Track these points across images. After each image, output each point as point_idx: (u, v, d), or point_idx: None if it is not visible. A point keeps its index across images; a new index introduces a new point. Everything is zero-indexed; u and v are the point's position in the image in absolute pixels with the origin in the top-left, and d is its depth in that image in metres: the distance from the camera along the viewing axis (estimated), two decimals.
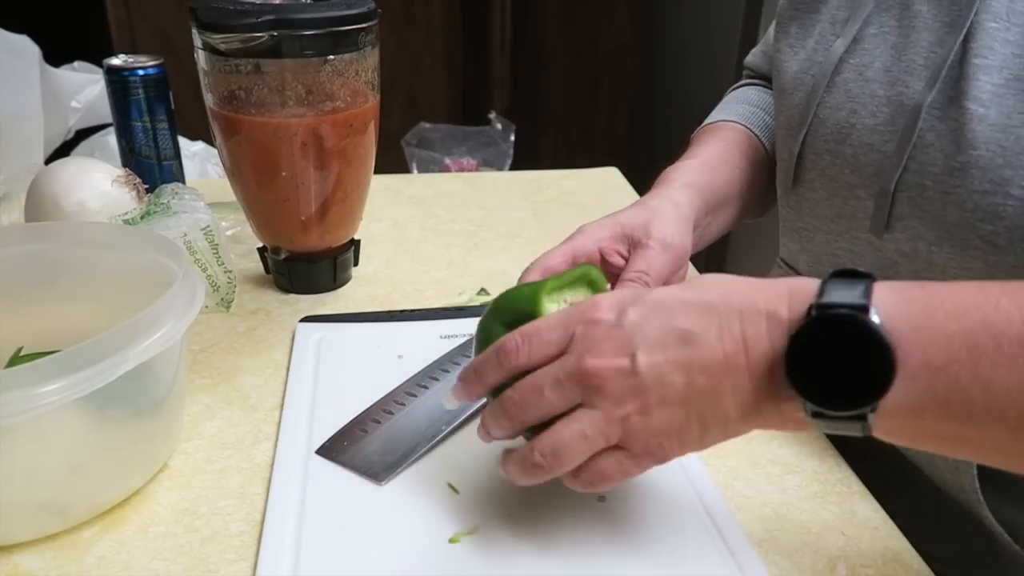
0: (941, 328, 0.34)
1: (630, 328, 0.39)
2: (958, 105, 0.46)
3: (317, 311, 0.74)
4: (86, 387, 0.43)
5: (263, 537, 0.48)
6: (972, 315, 0.34)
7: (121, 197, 0.76)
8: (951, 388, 0.34)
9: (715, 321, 0.38)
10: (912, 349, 0.34)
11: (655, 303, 0.40)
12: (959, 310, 0.34)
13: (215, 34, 0.64)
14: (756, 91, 0.74)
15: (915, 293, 0.36)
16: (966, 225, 0.46)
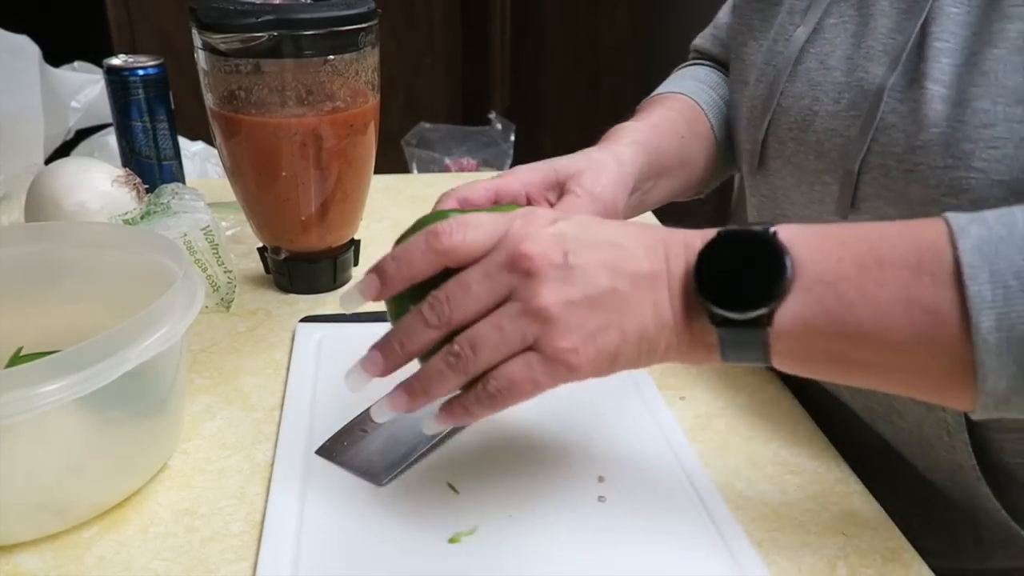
0: (832, 250, 0.38)
1: (564, 230, 0.41)
2: (918, 86, 0.47)
3: (317, 311, 0.74)
4: (86, 387, 0.43)
5: (263, 537, 0.48)
6: (860, 243, 0.38)
7: (121, 197, 0.76)
8: (841, 302, 0.37)
9: (642, 242, 0.41)
10: (806, 264, 0.38)
11: (588, 220, 0.43)
12: (849, 239, 0.38)
13: (215, 34, 0.65)
14: (704, 70, 0.75)
15: (814, 227, 0.39)
16: (930, 201, 0.46)
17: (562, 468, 0.54)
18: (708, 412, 0.62)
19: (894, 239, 0.37)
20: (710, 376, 0.66)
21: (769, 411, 0.62)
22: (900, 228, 0.38)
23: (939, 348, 0.36)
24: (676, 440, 0.57)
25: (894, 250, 0.37)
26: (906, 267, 0.36)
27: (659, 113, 0.67)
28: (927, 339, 0.36)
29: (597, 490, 0.52)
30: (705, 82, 0.72)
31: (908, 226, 0.38)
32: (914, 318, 0.36)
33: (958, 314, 0.35)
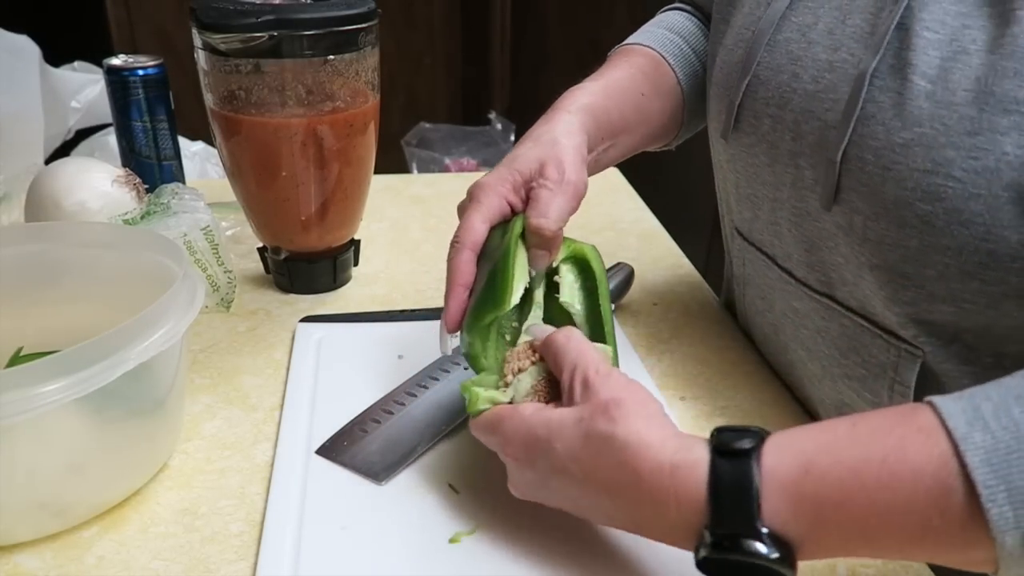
0: (830, 526, 0.36)
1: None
2: (902, 77, 0.45)
3: (317, 311, 0.74)
4: (86, 387, 0.43)
5: (263, 537, 0.48)
6: (858, 501, 0.35)
7: (121, 197, 0.76)
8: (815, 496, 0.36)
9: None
10: (806, 546, 0.36)
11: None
12: (847, 501, 0.35)
13: (215, 34, 0.65)
14: (682, 17, 0.73)
15: (805, 491, 0.36)
16: (904, 203, 0.45)
17: None
18: (708, 412, 0.62)
19: (893, 477, 0.34)
20: (710, 377, 0.66)
21: (769, 411, 0.62)
22: (899, 463, 0.34)
23: (960, 552, 0.34)
24: None
25: (895, 495, 0.34)
26: (918, 516, 0.34)
27: (618, 71, 0.66)
28: (947, 551, 0.35)
29: None
30: (679, 32, 0.71)
31: (905, 454, 0.34)
32: (929, 539, 0.34)
33: (975, 533, 0.33)
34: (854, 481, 0.35)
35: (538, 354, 0.49)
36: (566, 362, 0.45)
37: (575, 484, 0.42)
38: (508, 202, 0.55)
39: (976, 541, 0.33)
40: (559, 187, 0.54)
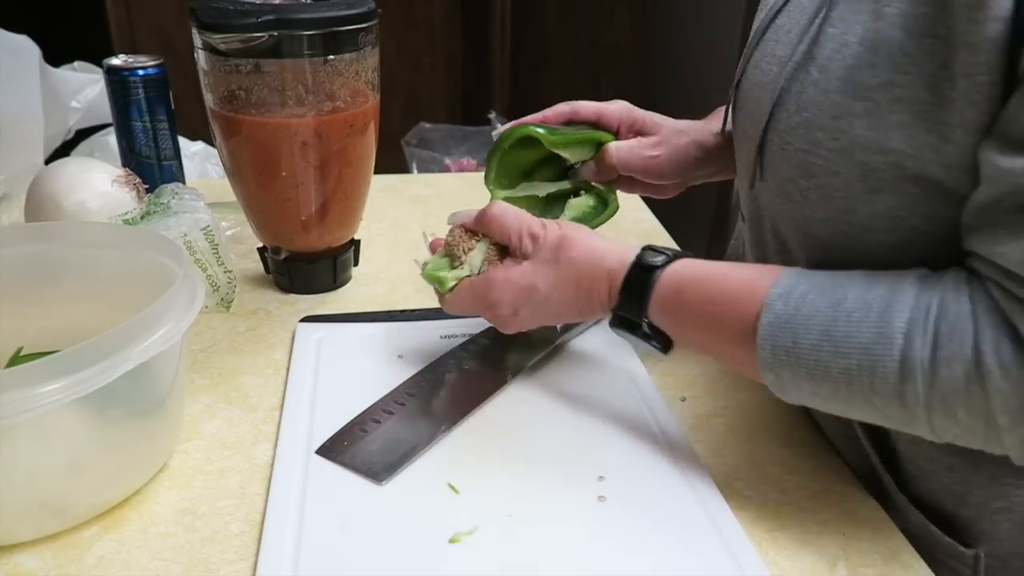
0: (685, 330, 0.52)
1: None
2: (805, 70, 0.49)
3: (317, 311, 0.74)
4: (86, 387, 0.43)
5: (263, 537, 0.48)
6: (704, 304, 0.50)
7: (121, 197, 0.76)
8: (683, 330, 0.52)
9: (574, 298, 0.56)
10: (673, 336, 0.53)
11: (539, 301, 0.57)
12: (695, 320, 0.51)
13: (215, 34, 0.64)
14: None
15: (672, 307, 0.52)
16: (791, 180, 0.50)
17: (562, 468, 0.54)
18: (708, 412, 0.62)
19: (728, 299, 0.49)
20: (710, 376, 0.66)
21: (769, 411, 0.62)
22: (739, 285, 0.49)
23: (747, 357, 0.48)
24: (676, 440, 0.57)
25: (723, 308, 0.49)
26: (733, 327, 0.49)
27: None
28: (738, 360, 0.50)
29: (597, 490, 0.52)
30: None
31: (745, 288, 0.49)
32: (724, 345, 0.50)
33: (752, 359, 0.48)
34: (703, 307, 0.51)
35: (478, 233, 0.59)
36: (511, 226, 0.57)
37: (554, 304, 0.56)
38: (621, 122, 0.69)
39: (752, 360, 0.48)
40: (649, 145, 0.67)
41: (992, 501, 0.51)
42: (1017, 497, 0.51)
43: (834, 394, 0.45)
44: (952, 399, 0.42)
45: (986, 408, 0.41)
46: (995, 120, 0.40)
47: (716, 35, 1.96)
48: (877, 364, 0.43)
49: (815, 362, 0.45)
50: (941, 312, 0.42)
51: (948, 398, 0.42)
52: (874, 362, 0.43)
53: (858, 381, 0.44)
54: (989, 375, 0.40)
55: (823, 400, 0.47)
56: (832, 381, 0.45)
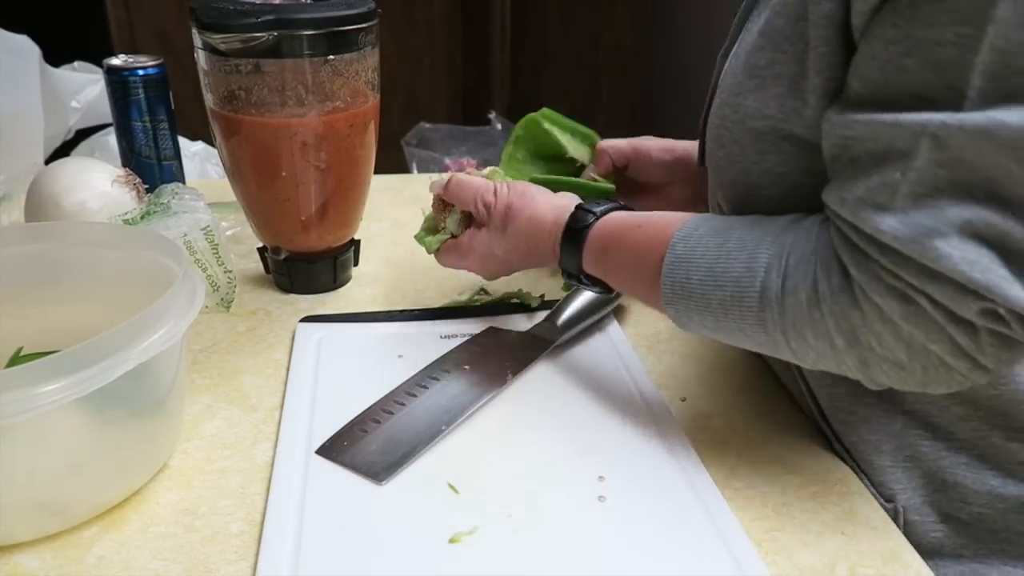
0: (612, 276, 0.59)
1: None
2: (727, 57, 0.58)
3: (317, 311, 0.74)
4: (86, 387, 0.43)
5: (263, 537, 0.48)
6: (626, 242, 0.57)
7: (121, 197, 0.76)
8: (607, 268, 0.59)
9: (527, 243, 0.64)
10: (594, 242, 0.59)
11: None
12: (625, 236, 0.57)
13: (215, 34, 0.64)
14: None
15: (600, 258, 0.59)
16: (712, 153, 0.58)
17: (562, 468, 0.54)
18: (708, 412, 0.62)
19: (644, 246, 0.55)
20: (710, 376, 0.66)
21: (769, 411, 0.62)
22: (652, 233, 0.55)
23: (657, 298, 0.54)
24: (676, 440, 0.57)
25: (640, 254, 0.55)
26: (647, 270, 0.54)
27: None
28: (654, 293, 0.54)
29: (597, 490, 0.52)
30: None
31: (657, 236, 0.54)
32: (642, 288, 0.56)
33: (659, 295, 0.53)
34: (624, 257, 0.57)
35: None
36: (468, 196, 0.67)
37: (515, 262, 0.66)
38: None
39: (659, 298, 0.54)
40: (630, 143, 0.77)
41: (903, 450, 0.55)
42: (924, 448, 0.55)
43: (716, 324, 0.51)
44: (800, 323, 0.47)
45: (826, 331, 0.46)
46: (843, 86, 0.47)
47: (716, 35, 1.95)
48: (743, 294, 0.49)
49: (701, 295, 0.51)
50: (793, 248, 0.48)
51: (797, 322, 0.47)
52: (741, 292, 0.49)
53: (732, 310, 0.49)
54: (823, 300, 0.46)
55: (711, 330, 0.52)
56: (713, 312, 0.50)
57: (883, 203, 0.43)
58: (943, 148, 0.41)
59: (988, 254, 0.41)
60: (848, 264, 0.45)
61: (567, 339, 0.68)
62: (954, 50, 0.41)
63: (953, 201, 0.42)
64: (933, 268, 0.42)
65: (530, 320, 0.72)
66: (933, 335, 0.43)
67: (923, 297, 0.43)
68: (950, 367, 0.44)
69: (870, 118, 0.44)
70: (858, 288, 0.45)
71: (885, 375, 0.46)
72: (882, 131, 0.44)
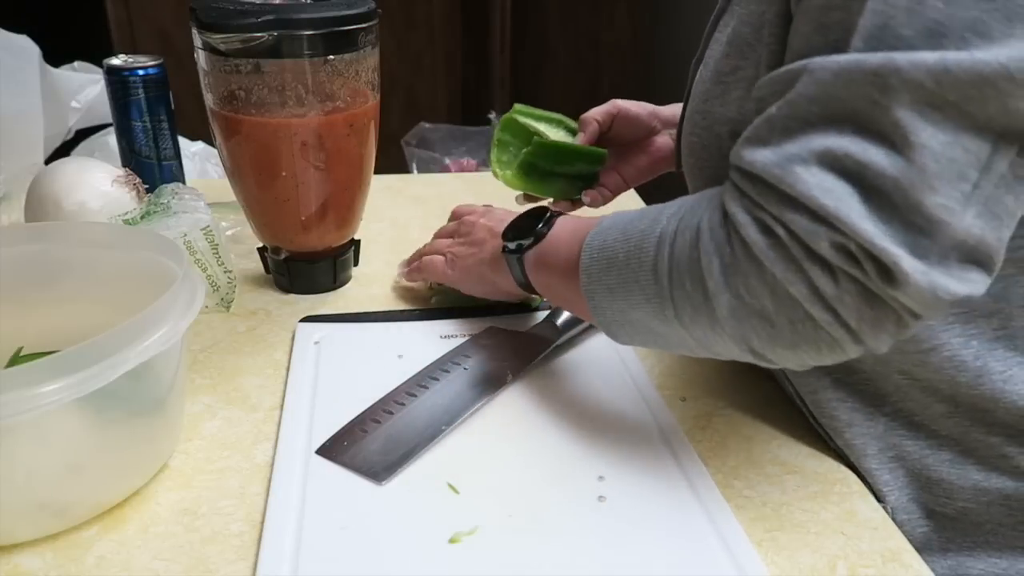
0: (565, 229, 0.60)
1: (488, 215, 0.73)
2: (699, 66, 0.60)
3: (317, 311, 0.74)
4: (86, 387, 0.43)
5: (263, 537, 0.48)
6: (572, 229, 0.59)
7: (121, 197, 0.76)
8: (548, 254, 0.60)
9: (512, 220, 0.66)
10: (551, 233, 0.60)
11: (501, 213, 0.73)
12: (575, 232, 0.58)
13: (215, 34, 0.64)
14: None
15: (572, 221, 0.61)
16: (685, 158, 0.60)
17: (562, 468, 0.54)
18: (708, 412, 0.62)
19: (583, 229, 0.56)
20: (710, 377, 0.66)
21: (769, 411, 0.62)
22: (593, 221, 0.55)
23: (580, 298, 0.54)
24: (676, 440, 0.57)
25: (578, 233, 0.56)
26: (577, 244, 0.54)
27: None
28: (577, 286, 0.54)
29: (597, 490, 0.52)
30: None
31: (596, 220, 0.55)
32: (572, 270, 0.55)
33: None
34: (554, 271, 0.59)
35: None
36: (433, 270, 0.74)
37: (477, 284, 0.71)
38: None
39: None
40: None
41: (887, 451, 0.56)
42: (908, 447, 0.55)
43: (620, 281, 0.51)
44: (681, 266, 0.47)
45: (700, 274, 0.46)
46: None
47: None
48: (644, 241, 0.49)
49: (613, 253, 0.51)
50: (694, 198, 0.50)
51: (679, 263, 0.47)
52: (643, 240, 0.50)
53: (632, 259, 0.50)
54: (702, 236, 0.46)
55: (611, 292, 0.52)
56: (618, 267, 0.51)
57: (761, 138, 0.45)
58: (816, 83, 0.42)
59: (845, 186, 0.41)
60: (727, 202, 0.46)
61: (567, 339, 0.68)
62: (840, 13, 0.43)
63: (819, 133, 0.42)
64: (789, 194, 0.42)
65: (530, 320, 0.72)
66: (791, 274, 0.43)
67: (780, 227, 0.43)
68: (817, 324, 0.43)
69: (771, 74, 0.46)
70: (730, 223, 0.45)
71: (756, 334, 0.45)
72: (777, 80, 0.45)
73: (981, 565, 0.55)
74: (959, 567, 0.55)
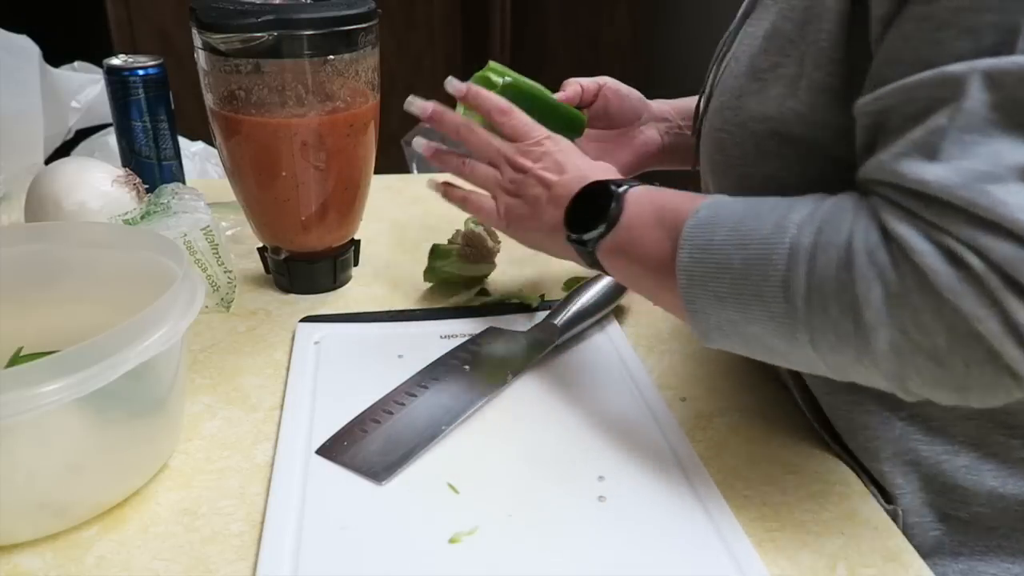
0: (643, 209, 0.54)
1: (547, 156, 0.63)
2: (727, 61, 0.58)
3: (317, 311, 0.74)
4: (86, 387, 0.43)
5: (263, 537, 0.48)
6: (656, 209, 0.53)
7: (121, 197, 0.76)
8: (630, 240, 0.54)
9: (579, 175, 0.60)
10: (626, 212, 0.54)
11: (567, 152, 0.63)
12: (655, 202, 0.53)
13: (215, 34, 0.64)
14: None
15: (651, 190, 0.55)
16: (710, 156, 0.58)
17: (562, 468, 0.54)
18: (708, 412, 0.62)
19: (671, 208, 0.52)
20: (710, 377, 0.66)
21: (769, 411, 0.62)
22: (683, 201, 0.52)
23: (672, 287, 0.50)
24: (676, 440, 0.57)
25: (666, 216, 0.52)
26: (666, 228, 0.51)
27: None
28: (666, 277, 0.50)
29: (597, 490, 0.52)
30: None
31: (687, 200, 0.51)
32: (660, 262, 0.51)
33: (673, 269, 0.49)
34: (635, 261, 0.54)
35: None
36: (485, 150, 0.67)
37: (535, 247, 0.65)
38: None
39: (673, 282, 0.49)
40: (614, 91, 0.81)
41: (902, 455, 0.54)
42: (924, 452, 0.54)
43: (734, 292, 0.45)
44: (826, 288, 0.41)
45: (853, 301, 0.41)
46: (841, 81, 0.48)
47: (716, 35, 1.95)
48: (771, 251, 0.44)
49: (723, 256, 0.46)
50: (828, 208, 0.44)
51: (823, 285, 0.42)
52: (768, 250, 0.44)
53: (754, 270, 0.44)
54: (856, 257, 0.41)
55: (720, 301, 0.46)
56: (732, 275, 0.45)
57: (928, 152, 0.39)
58: (997, 88, 0.38)
59: None
60: (888, 221, 0.40)
61: (567, 339, 0.68)
62: (994, 15, 0.39)
63: (1009, 144, 0.38)
64: (985, 218, 0.37)
65: (530, 320, 0.72)
66: (982, 309, 0.37)
67: (974, 255, 0.37)
68: (998, 363, 0.38)
69: (906, 81, 0.41)
70: (897, 247, 0.40)
71: (918, 373, 0.40)
72: (923, 87, 0.40)
73: (993, 570, 0.55)
74: (971, 571, 0.55)
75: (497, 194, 0.65)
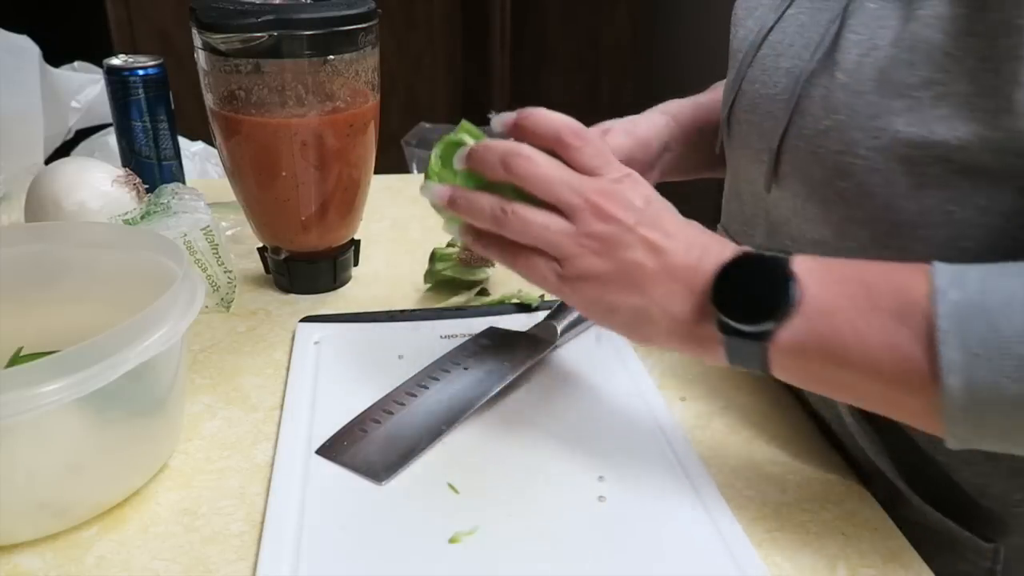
0: (833, 286, 0.43)
1: (647, 205, 0.49)
2: (829, 75, 0.51)
3: (317, 311, 0.74)
4: (86, 387, 0.43)
5: (263, 537, 0.48)
6: (857, 285, 0.43)
7: (121, 197, 0.76)
8: (835, 334, 0.42)
9: (688, 238, 0.48)
10: (810, 294, 0.43)
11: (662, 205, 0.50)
12: (849, 277, 0.44)
13: (215, 34, 0.65)
14: None
15: (823, 260, 0.45)
16: (826, 182, 0.51)
17: (562, 468, 0.54)
18: (708, 412, 0.62)
19: (884, 287, 0.42)
20: (710, 377, 0.66)
21: (769, 411, 0.62)
22: (890, 275, 0.43)
23: (915, 391, 0.41)
24: (676, 440, 0.57)
25: (883, 297, 0.42)
26: (892, 316, 0.41)
27: (711, 93, 0.75)
28: (904, 382, 0.41)
29: (597, 490, 0.52)
30: None
31: (897, 274, 0.43)
32: (895, 362, 0.41)
33: (931, 368, 0.40)
34: (843, 366, 0.43)
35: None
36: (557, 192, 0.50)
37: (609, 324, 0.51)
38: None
39: (921, 386, 0.40)
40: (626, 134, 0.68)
41: (1012, 493, 0.52)
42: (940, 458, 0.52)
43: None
44: None
45: None
46: None
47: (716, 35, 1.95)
48: None
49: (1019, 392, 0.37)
50: None
51: None
52: None
53: None
54: None
55: (1005, 436, 0.39)
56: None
57: None
58: None
59: None
60: None
61: (567, 339, 0.68)
62: None
63: None
64: None
65: (530, 320, 0.72)
66: None
67: None
68: None
69: None
70: None
71: None
72: None
73: None
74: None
75: (568, 250, 0.48)
